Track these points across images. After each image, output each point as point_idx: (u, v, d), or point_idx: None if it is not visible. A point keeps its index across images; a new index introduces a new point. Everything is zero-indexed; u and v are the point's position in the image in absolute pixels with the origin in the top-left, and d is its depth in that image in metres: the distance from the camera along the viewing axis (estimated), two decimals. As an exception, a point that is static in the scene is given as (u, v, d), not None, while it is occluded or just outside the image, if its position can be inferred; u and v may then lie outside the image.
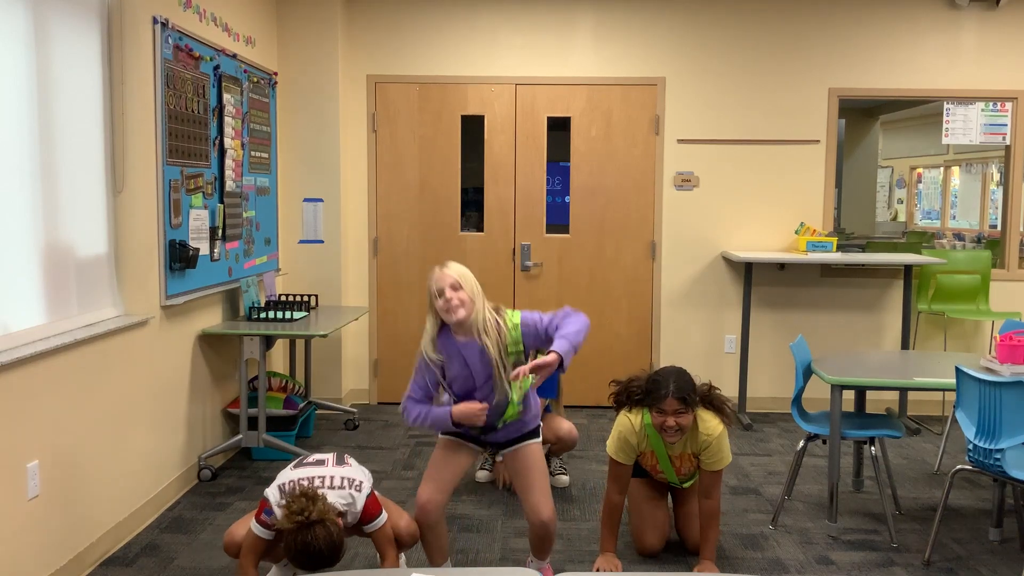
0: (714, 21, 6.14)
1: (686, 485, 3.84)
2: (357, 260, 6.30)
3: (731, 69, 6.15)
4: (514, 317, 3.22)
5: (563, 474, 4.70)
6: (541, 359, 3.03)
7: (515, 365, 3.16)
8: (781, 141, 6.16)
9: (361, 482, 3.08)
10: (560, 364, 3.02)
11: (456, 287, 3.17)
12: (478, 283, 3.27)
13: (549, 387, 4.24)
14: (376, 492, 3.16)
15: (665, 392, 3.40)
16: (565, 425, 4.53)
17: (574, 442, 4.58)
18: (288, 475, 3.06)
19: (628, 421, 3.58)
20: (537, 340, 3.19)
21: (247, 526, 3.04)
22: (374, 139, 6.25)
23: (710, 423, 3.52)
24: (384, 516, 3.12)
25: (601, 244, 6.29)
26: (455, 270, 3.24)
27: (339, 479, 3.03)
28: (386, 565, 3.08)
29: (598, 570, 3.55)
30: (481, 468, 4.71)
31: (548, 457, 4.48)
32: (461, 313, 3.14)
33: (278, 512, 2.88)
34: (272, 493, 2.98)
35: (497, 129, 6.24)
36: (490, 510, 4.31)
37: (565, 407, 4.89)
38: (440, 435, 3.39)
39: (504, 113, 6.22)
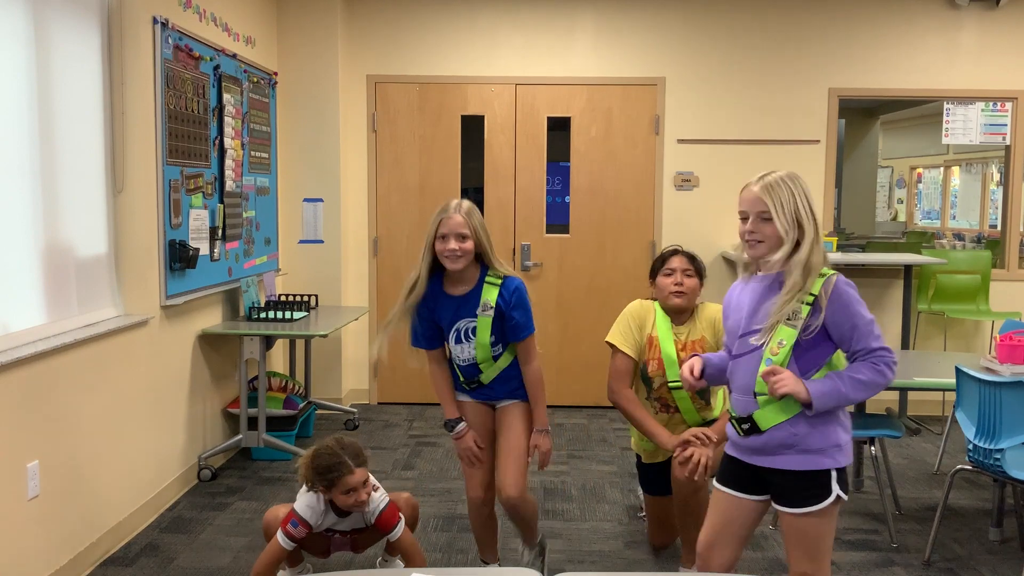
0: (714, 21, 6.14)
1: (688, 417, 3.47)
2: (357, 260, 6.30)
3: (731, 69, 6.15)
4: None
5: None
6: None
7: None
8: (781, 141, 6.16)
9: (378, 485, 3.18)
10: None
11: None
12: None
13: None
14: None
15: (673, 250, 3.49)
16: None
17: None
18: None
19: (636, 303, 3.54)
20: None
21: (287, 509, 3.13)
22: (374, 139, 6.25)
23: (715, 307, 3.39)
24: (403, 523, 3.19)
25: (601, 244, 6.29)
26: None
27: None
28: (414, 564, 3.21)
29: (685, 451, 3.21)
30: None
31: None
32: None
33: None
34: (298, 504, 3.09)
35: (497, 129, 6.24)
36: (490, 510, 4.31)
37: (565, 407, 4.83)
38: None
39: (504, 113, 6.22)
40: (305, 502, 3.09)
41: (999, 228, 6.59)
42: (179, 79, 4.31)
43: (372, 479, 3.13)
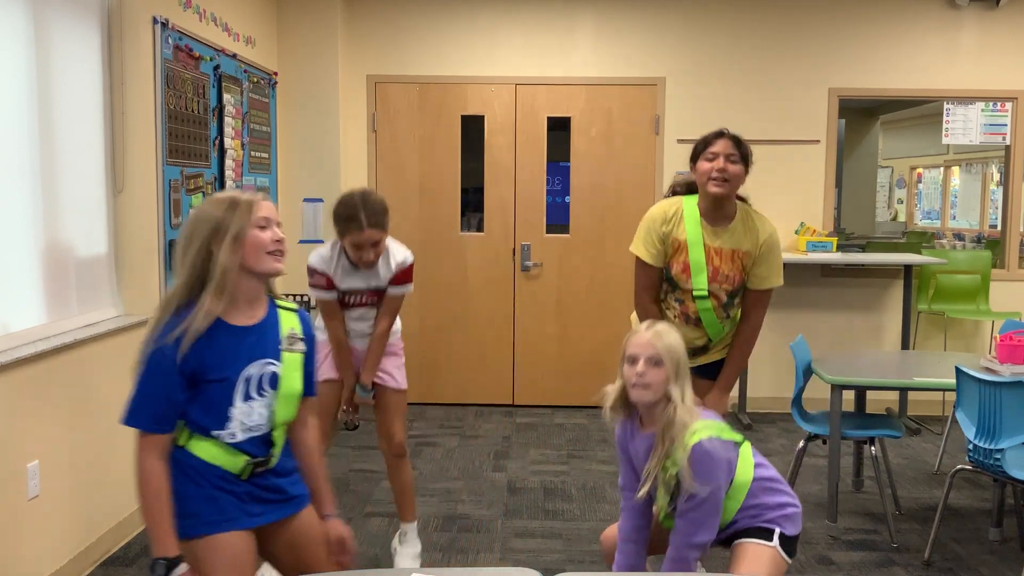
0: (714, 21, 6.14)
1: (714, 342, 3.18)
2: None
3: (731, 69, 6.15)
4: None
5: None
6: None
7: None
8: (781, 141, 6.16)
9: (406, 249, 3.46)
10: None
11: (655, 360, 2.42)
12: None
13: None
14: None
15: (718, 131, 3.04)
16: None
17: None
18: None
19: (663, 202, 3.11)
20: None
21: None
22: (374, 139, 6.25)
23: (766, 220, 3.07)
24: (406, 288, 3.45)
25: (601, 244, 6.29)
26: (657, 338, 2.45)
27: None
28: (380, 325, 3.45)
29: None
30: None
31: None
32: (647, 396, 2.44)
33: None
34: (313, 255, 3.33)
35: (497, 129, 6.24)
36: (490, 510, 4.31)
37: (565, 407, 4.79)
38: None
39: (504, 113, 6.22)
40: (317, 252, 3.29)
41: (999, 228, 6.59)
42: (179, 79, 4.31)
43: (389, 241, 3.25)
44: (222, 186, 4.82)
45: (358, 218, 3.15)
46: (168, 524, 2.01)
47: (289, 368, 2.18)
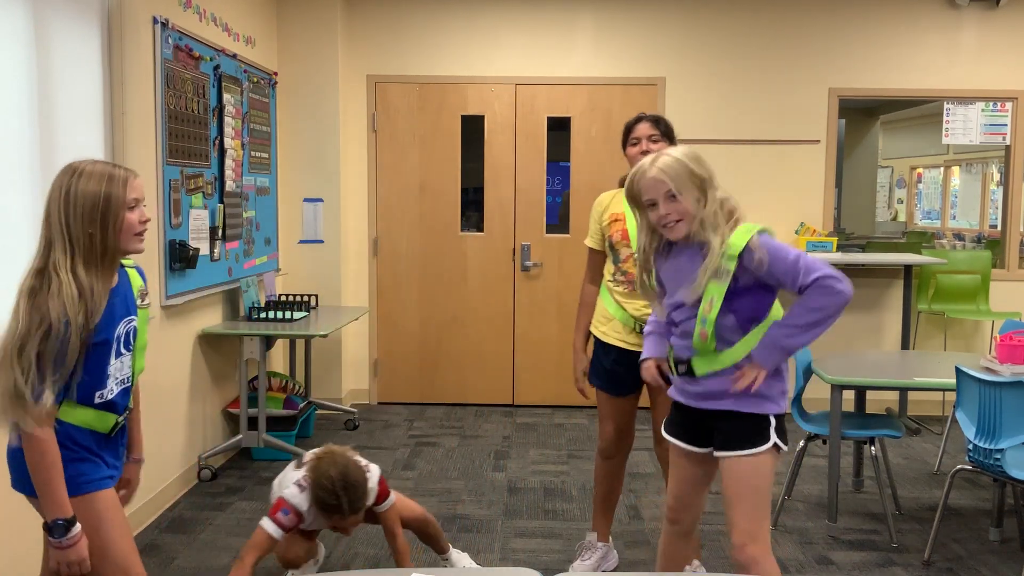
0: (714, 21, 6.14)
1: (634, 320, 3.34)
2: (357, 260, 6.30)
3: (731, 69, 6.15)
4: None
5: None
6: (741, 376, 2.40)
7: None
8: (781, 141, 6.16)
9: (368, 463, 3.19)
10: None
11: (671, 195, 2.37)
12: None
13: None
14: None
15: (637, 117, 3.35)
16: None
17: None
18: (293, 475, 3.09)
19: (603, 194, 3.46)
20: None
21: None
22: (374, 139, 6.25)
23: None
24: (393, 497, 3.25)
25: (601, 244, 6.28)
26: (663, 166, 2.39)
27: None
28: (397, 544, 3.22)
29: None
30: None
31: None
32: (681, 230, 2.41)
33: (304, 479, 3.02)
34: (290, 494, 3.05)
35: (497, 129, 6.24)
36: (490, 510, 4.31)
37: (565, 407, 4.80)
38: None
39: (504, 113, 6.22)
40: (295, 493, 3.04)
41: (999, 228, 6.59)
42: (179, 79, 4.31)
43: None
44: (222, 186, 4.82)
45: (341, 508, 3.02)
46: (63, 488, 2.13)
47: (142, 322, 2.35)
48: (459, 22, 6.16)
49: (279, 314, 5.04)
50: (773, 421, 2.45)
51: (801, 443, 4.18)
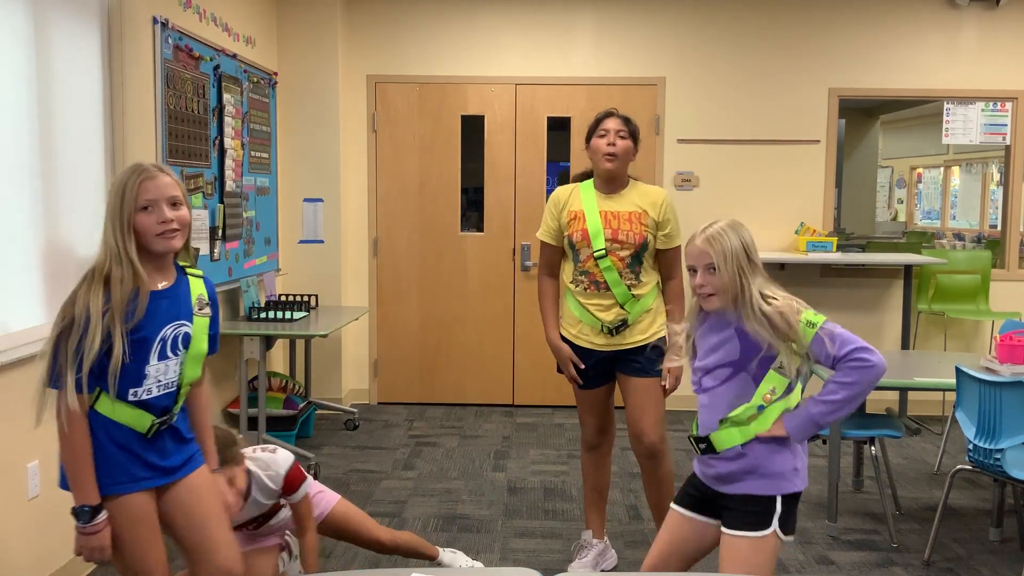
0: (714, 21, 6.14)
1: (628, 307, 3.34)
2: (357, 260, 6.30)
3: (731, 69, 6.15)
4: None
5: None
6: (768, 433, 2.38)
7: None
8: (781, 141, 6.16)
9: (279, 450, 2.97)
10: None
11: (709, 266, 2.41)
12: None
13: None
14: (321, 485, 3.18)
15: (608, 112, 3.38)
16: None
17: None
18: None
19: (558, 189, 3.47)
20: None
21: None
22: (374, 139, 6.25)
23: (657, 187, 3.49)
24: (305, 490, 2.95)
25: (601, 244, 6.28)
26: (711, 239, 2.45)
27: (260, 449, 2.96)
28: (304, 540, 2.95)
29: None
30: None
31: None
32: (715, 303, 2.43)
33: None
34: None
35: (497, 129, 6.24)
36: (490, 510, 4.31)
37: (565, 407, 4.79)
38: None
39: (504, 113, 6.22)
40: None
41: (999, 228, 6.59)
42: (179, 79, 4.31)
43: (248, 466, 2.83)
44: (222, 186, 4.82)
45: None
46: (92, 476, 2.18)
47: (198, 330, 2.32)
48: (459, 22, 6.16)
49: (279, 314, 5.04)
50: (779, 508, 2.37)
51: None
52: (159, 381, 2.25)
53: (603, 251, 3.30)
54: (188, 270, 2.34)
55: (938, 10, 6.11)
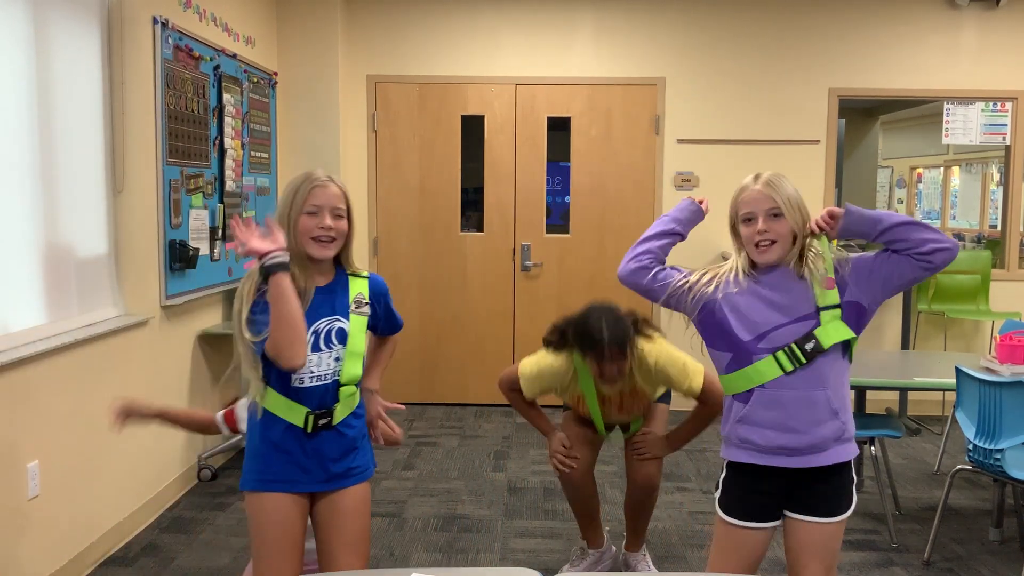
0: (714, 21, 6.14)
1: (611, 436, 3.48)
2: (357, 260, 6.21)
3: (731, 69, 6.15)
4: None
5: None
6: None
7: None
8: (781, 141, 6.16)
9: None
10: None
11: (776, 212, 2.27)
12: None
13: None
14: None
15: (600, 339, 3.03)
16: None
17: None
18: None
19: (555, 361, 3.27)
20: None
21: None
22: (374, 139, 6.25)
23: (647, 349, 3.14)
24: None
25: (601, 244, 6.29)
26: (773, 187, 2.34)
27: None
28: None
29: (558, 454, 3.42)
30: None
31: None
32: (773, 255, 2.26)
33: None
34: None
35: (497, 129, 6.24)
36: (490, 510, 4.31)
37: (564, 407, 4.72)
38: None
39: (504, 113, 6.22)
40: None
41: (999, 228, 6.59)
42: (179, 79, 4.31)
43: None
44: (222, 186, 4.82)
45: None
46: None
47: (356, 328, 2.35)
48: (459, 22, 6.16)
49: (279, 314, 5.03)
50: (853, 474, 2.29)
51: (801, 443, 4.18)
52: (311, 372, 2.26)
53: (602, 431, 3.47)
54: (352, 273, 2.42)
55: (938, 10, 6.11)
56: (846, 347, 2.30)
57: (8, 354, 3.07)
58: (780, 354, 2.23)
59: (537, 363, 3.34)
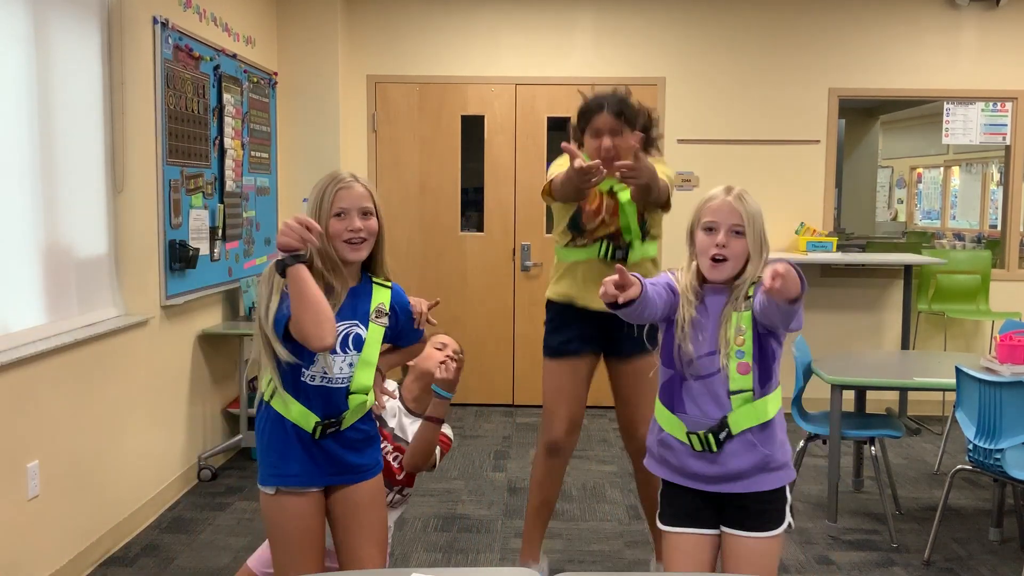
0: (714, 21, 6.14)
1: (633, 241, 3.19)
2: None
3: (731, 69, 6.15)
4: None
5: None
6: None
7: None
8: (781, 141, 6.16)
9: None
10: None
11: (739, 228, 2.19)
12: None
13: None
14: None
15: (598, 105, 2.92)
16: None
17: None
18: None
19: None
20: None
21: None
22: (374, 139, 6.25)
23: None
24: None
25: (601, 244, 6.28)
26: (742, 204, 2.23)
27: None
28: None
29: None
30: None
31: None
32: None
33: None
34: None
35: (497, 129, 6.24)
36: (490, 510, 4.31)
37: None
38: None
39: (504, 113, 6.22)
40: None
41: (999, 228, 6.59)
42: (179, 79, 4.31)
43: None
44: (222, 186, 4.82)
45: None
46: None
47: (372, 337, 2.33)
48: (459, 22, 6.16)
49: (279, 314, 5.03)
50: (788, 496, 2.27)
51: (801, 443, 4.18)
52: (324, 373, 2.25)
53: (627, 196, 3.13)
54: (375, 280, 2.38)
55: (938, 10, 6.11)
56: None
57: (8, 354, 3.07)
58: (693, 437, 2.22)
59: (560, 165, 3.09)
